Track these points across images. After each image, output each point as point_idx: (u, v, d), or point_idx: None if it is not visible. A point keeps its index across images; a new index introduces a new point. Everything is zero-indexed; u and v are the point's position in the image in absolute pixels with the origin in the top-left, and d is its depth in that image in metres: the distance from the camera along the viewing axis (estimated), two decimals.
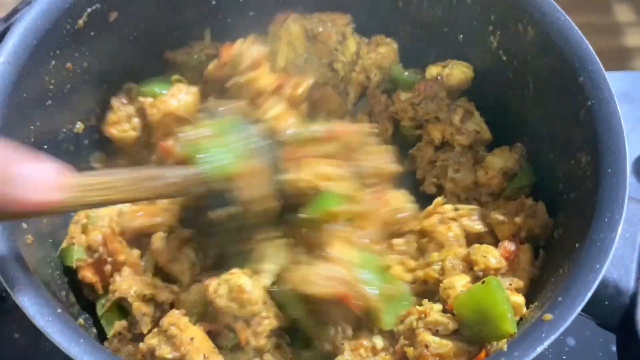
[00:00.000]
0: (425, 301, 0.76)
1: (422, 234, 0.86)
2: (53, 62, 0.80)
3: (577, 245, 0.68)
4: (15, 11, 0.81)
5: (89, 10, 0.83)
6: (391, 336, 0.76)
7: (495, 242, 0.82)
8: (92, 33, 0.85)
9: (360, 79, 0.99)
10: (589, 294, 0.61)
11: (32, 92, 0.77)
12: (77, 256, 0.79)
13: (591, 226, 0.67)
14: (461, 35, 0.95)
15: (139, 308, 0.78)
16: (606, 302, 0.68)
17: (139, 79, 0.94)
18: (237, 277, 0.74)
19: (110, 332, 0.79)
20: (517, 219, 0.81)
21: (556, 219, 0.81)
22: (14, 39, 0.75)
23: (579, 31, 0.80)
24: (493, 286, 0.68)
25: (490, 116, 0.95)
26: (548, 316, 0.61)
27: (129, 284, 0.78)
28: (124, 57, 0.92)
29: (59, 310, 0.59)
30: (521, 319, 0.72)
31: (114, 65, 0.91)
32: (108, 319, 0.80)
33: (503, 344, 0.63)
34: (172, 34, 0.96)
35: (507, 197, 0.88)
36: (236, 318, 0.74)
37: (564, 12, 0.81)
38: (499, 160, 0.89)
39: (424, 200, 0.90)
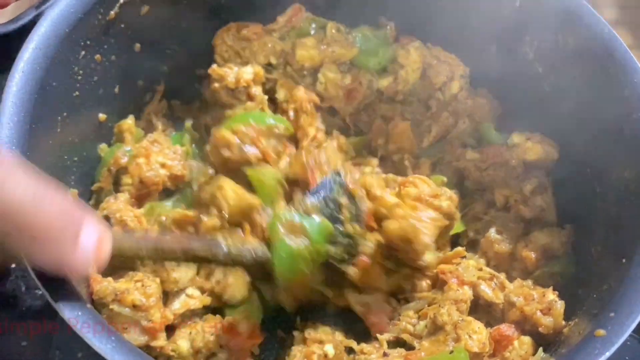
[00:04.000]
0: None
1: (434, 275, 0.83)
2: (82, 53, 0.78)
3: (623, 260, 0.66)
4: None
5: (121, 1, 0.81)
6: None
7: (502, 319, 0.77)
8: (123, 25, 0.83)
9: (448, 122, 0.95)
10: None
11: (61, 81, 0.75)
12: None
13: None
14: (494, 47, 0.94)
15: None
16: None
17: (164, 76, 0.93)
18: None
19: None
20: (527, 308, 0.74)
21: (594, 235, 0.79)
22: (45, 25, 0.72)
23: (623, 43, 0.78)
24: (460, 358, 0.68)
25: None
26: (600, 332, 0.59)
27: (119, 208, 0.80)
28: (152, 52, 0.90)
29: (88, 306, 0.56)
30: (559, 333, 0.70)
31: (141, 60, 0.88)
32: None
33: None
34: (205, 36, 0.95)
35: (535, 280, 0.81)
36: None
37: (607, 24, 0.80)
38: (543, 238, 0.83)
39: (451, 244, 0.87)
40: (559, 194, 0.87)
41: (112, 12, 0.80)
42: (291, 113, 0.93)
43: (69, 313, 0.53)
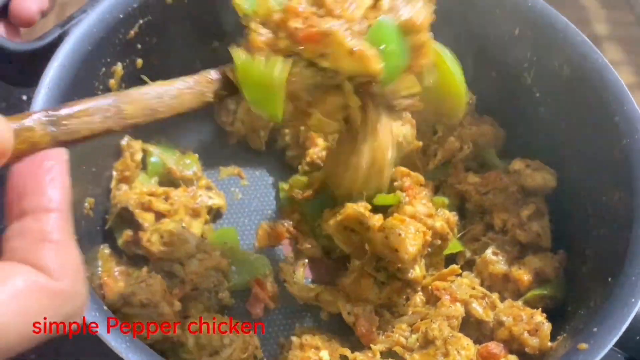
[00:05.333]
0: None
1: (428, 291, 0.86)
2: (103, 69, 0.83)
3: (609, 279, 0.70)
4: (70, 18, 0.84)
5: (140, 21, 0.86)
6: None
7: (491, 337, 0.80)
8: (139, 46, 0.88)
9: (454, 147, 0.97)
10: (624, 327, 0.63)
11: (82, 96, 0.79)
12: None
13: (625, 261, 0.68)
14: (494, 72, 0.98)
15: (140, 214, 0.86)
16: (637, 337, 0.69)
17: None
18: (166, 224, 0.85)
19: (120, 240, 0.87)
20: (515, 328, 0.77)
21: (584, 254, 0.82)
22: (70, 44, 0.77)
23: (615, 71, 0.82)
24: None
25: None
26: (583, 345, 0.62)
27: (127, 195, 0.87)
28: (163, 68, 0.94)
29: (105, 308, 0.60)
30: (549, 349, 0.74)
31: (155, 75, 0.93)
32: (117, 229, 0.88)
33: None
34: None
35: (526, 301, 0.84)
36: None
37: (601, 54, 0.84)
38: (537, 262, 0.85)
39: (447, 262, 0.89)
40: (553, 214, 0.91)
41: (132, 32, 0.85)
42: None
43: (90, 317, 0.57)
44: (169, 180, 0.96)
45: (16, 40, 0.83)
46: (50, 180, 0.45)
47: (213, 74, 0.66)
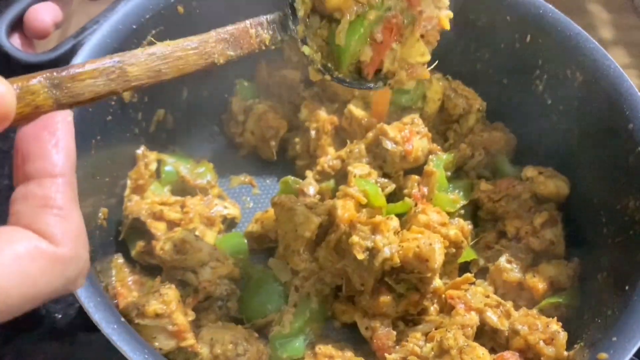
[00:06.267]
0: None
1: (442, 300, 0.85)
2: None
3: (626, 287, 0.69)
4: (83, 29, 0.84)
5: (153, 32, 0.86)
6: None
7: (506, 346, 0.80)
8: None
9: (466, 154, 0.98)
10: None
11: (96, 107, 0.80)
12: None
13: None
14: (506, 79, 0.98)
15: (152, 224, 0.86)
16: None
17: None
18: (179, 232, 0.85)
19: (133, 251, 0.87)
20: (531, 337, 0.76)
21: (600, 263, 0.82)
22: (84, 54, 0.78)
23: (629, 79, 0.82)
24: None
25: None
26: (603, 355, 0.62)
27: (139, 206, 0.88)
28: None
29: (122, 319, 0.60)
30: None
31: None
32: (130, 239, 0.88)
33: None
34: None
35: (541, 310, 0.83)
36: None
37: (613, 60, 0.84)
38: (551, 270, 0.85)
39: (461, 270, 0.89)
40: (567, 221, 0.90)
41: (145, 42, 0.86)
42: (313, 132, 0.98)
43: (107, 327, 0.57)
44: (182, 189, 0.96)
45: (31, 51, 0.83)
46: (54, 145, 0.46)
47: (223, 34, 0.64)
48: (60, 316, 0.95)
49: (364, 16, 0.68)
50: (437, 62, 0.99)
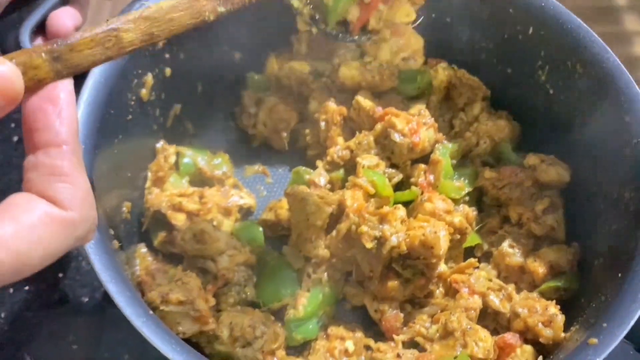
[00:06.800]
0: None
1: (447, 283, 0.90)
2: (135, 81, 0.87)
3: (619, 275, 0.74)
4: None
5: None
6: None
7: (508, 327, 0.84)
8: (167, 55, 0.93)
9: (471, 142, 1.01)
10: (632, 322, 0.67)
11: (118, 108, 0.84)
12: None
13: (634, 259, 0.72)
14: (509, 69, 1.01)
15: (172, 215, 0.91)
16: None
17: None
18: (198, 223, 0.90)
19: (155, 241, 0.93)
20: (530, 320, 0.81)
21: (597, 249, 0.86)
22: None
23: (627, 72, 0.85)
24: None
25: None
26: (593, 340, 0.67)
27: (159, 198, 0.92)
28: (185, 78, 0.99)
29: (151, 313, 0.65)
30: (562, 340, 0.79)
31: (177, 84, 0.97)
32: (153, 230, 0.94)
33: None
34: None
35: (541, 293, 0.87)
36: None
37: (613, 53, 0.87)
38: (552, 254, 0.89)
39: (466, 254, 0.93)
40: (567, 207, 0.94)
41: (161, 43, 0.90)
42: (322, 124, 1.02)
43: (137, 320, 0.63)
44: (200, 180, 1.01)
45: None
46: (57, 115, 0.51)
47: None
48: (87, 300, 1.01)
49: None
50: (442, 51, 1.05)
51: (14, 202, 0.48)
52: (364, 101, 1.01)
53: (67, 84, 0.53)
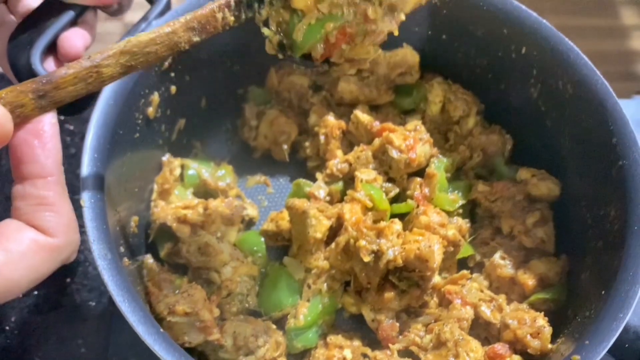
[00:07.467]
0: None
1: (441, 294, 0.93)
2: (142, 101, 0.91)
3: (603, 292, 0.78)
4: None
5: None
6: None
7: (498, 337, 0.87)
8: (173, 74, 0.96)
9: (466, 155, 1.04)
10: (613, 340, 0.71)
11: (126, 127, 0.88)
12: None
13: (617, 278, 0.76)
14: (503, 85, 1.04)
15: (178, 228, 0.95)
16: (626, 345, 0.77)
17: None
18: (203, 236, 0.94)
19: (162, 253, 0.96)
20: (519, 331, 0.84)
21: (584, 262, 0.90)
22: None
23: (614, 95, 0.89)
24: None
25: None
26: (576, 357, 0.71)
27: (165, 211, 0.96)
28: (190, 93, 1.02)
29: (161, 330, 0.70)
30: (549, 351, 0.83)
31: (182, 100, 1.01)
32: (159, 241, 0.97)
33: None
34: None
35: (531, 304, 0.90)
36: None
37: (601, 76, 0.90)
38: (542, 266, 0.93)
39: (460, 265, 0.97)
40: (557, 220, 0.98)
41: (167, 63, 0.93)
42: (322, 137, 1.06)
43: (149, 338, 0.67)
44: (205, 191, 1.05)
45: None
46: (42, 148, 0.56)
47: (191, 22, 0.67)
48: (94, 304, 1.05)
49: (322, 23, 0.73)
50: (438, 65, 1.08)
51: (4, 231, 0.54)
52: (362, 116, 1.05)
53: (51, 116, 0.58)
